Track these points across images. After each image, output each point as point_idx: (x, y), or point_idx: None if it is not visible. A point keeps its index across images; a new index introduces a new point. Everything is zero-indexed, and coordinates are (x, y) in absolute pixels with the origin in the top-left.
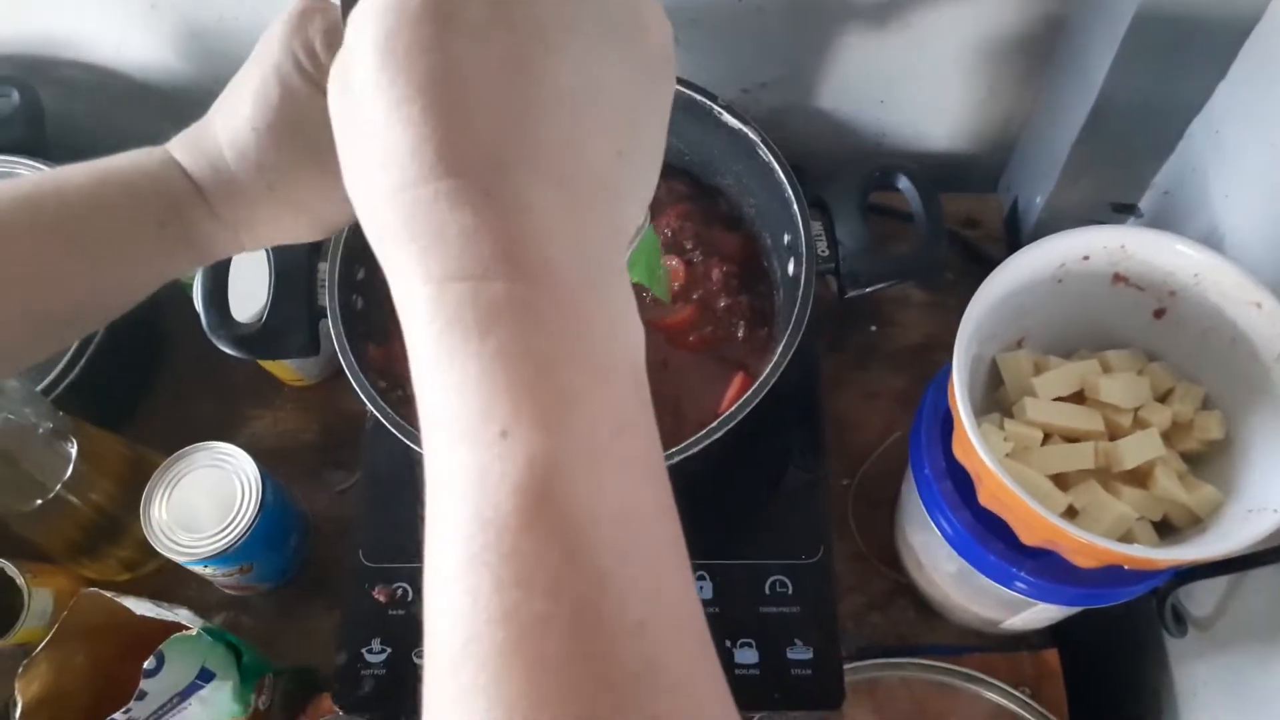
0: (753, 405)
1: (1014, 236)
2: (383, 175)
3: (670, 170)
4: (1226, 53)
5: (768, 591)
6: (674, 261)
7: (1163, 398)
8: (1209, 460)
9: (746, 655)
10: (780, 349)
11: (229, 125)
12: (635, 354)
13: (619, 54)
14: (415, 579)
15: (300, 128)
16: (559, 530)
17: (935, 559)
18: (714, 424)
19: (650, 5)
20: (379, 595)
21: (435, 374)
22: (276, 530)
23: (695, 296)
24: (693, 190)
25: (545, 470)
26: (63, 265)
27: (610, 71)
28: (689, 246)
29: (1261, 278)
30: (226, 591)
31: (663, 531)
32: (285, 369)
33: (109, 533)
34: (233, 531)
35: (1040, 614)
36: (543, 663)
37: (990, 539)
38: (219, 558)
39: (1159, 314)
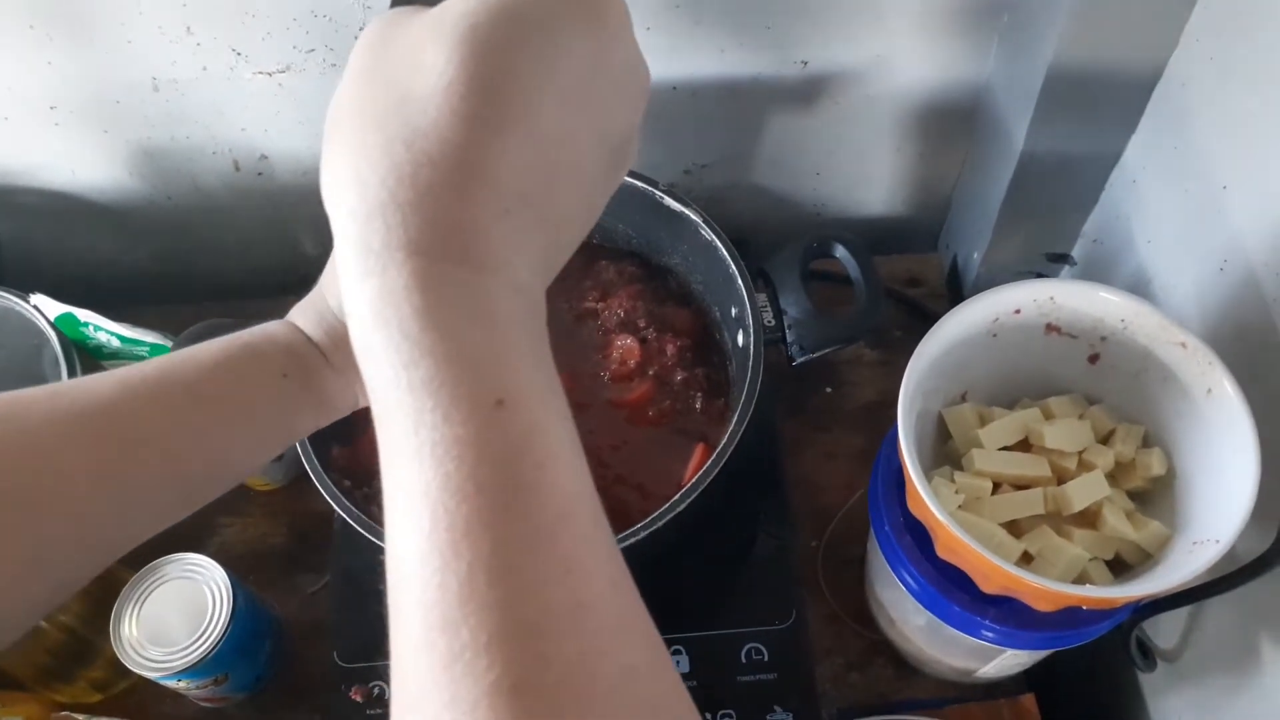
0: (713, 475)
1: (956, 293)
2: (415, 143)
3: (621, 254)
4: (1134, 108)
5: (744, 660)
6: (629, 340)
7: (1105, 439)
8: (1154, 497)
9: None
10: (735, 418)
11: (332, 279)
12: None
13: (611, 179)
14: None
15: None
16: (552, 495)
17: (905, 613)
18: (676, 497)
19: (637, 135)
20: (356, 696)
21: (417, 340)
22: (250, 638)
23: (651, 372)
24: (643, 271)
25: (538, 440)
26: (196, 422)
27: (607, 185)
28: (642, 324)
29: (1188, 316)
30: (202, 704)
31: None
32: (251, 475)
33: (79, 654)
34: (205, 643)
35: (1011, 660)
36: (547, 614)
37: (953, 590)
38: (192, 670)
39: (1093, 359)
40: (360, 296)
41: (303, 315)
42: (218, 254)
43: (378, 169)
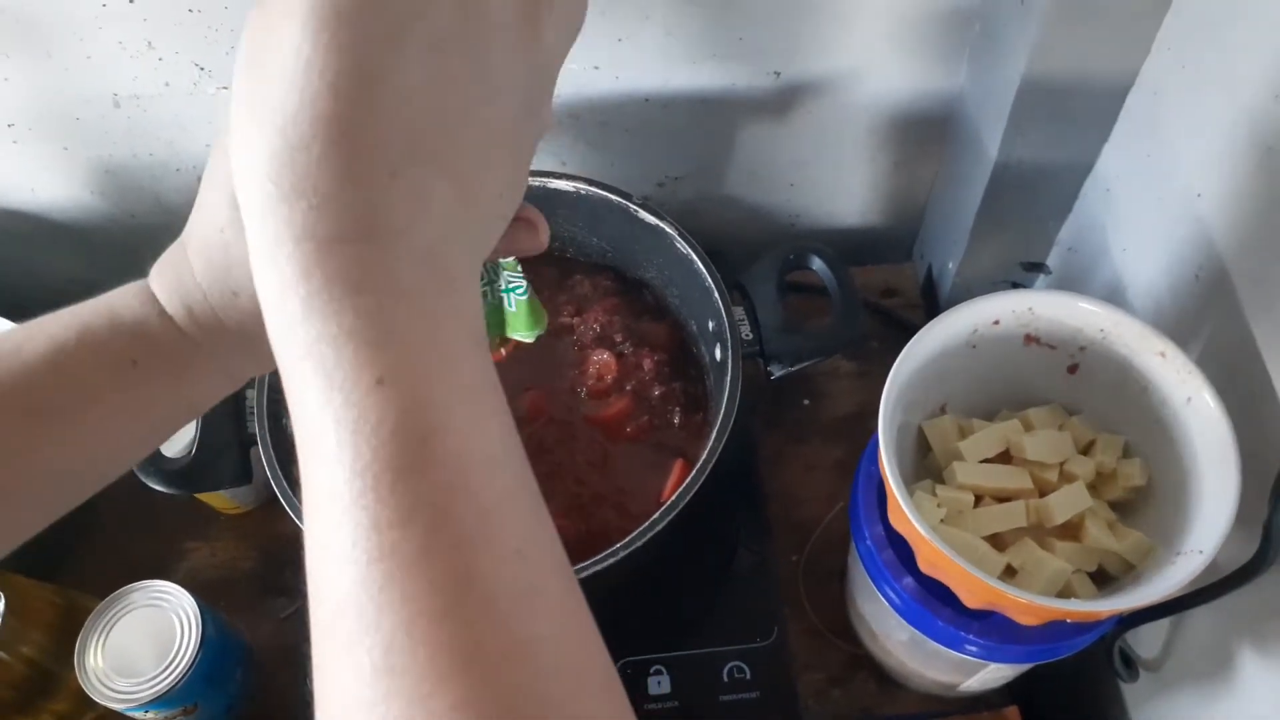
0: (694, 491)
1: (931, 303)
2: (287, 129)
3: (595, 268)
4: (1107, 116)
5: (726, 679)
6: (606, 355)
7: (1085, 450)
8: (1135, 507)
9: None
10: (715, 433)
11: (196, 236)
12: (485, 337)
13: (527, 120)
14: None
15: None
16: (439, 469)
17: (887, 628)
18: (657, 515)
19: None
20: None
21: (308, 326)
22: (220, 666)
23: (629, 387)
24: (618, 285)
25: (424, 415)
26: (24, 435)
27: (520, 129)
28: (619, 339)
29: (1164, 325)
30: None
31: (528, 475)
32: (220, 498)
33: (42, 687)
34: (174, 672)
35: (995, 673)
36: (428, 589)
37: (936, 604)
38: (161, 701)
39: (1072, 369)
40: (263, 292)
41: (160, 279)
42: None
43: (261, 162)
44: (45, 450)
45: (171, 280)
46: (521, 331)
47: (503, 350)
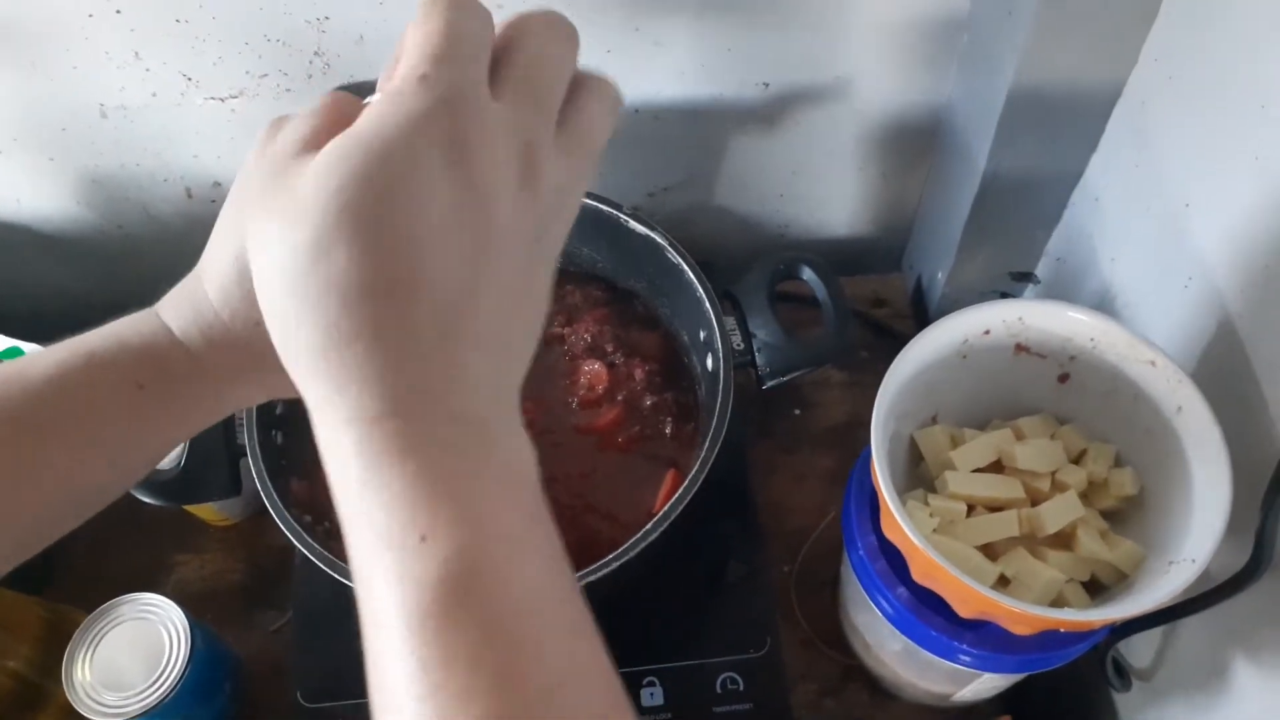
0: (685, 501)
1: (921, 313)
2: (331, 329)
3: (586, 278)
4: (1095, 127)
5: (719, 690)
6: (597, 365)
7: (1076, 459)
8: (1127, 516)
9: None
10: (706, 443)
11: (214, 266)
12: (532, 470)
13: (540, 263)
14: (356, 717)
15: None
16: (478, 612)
17: (880, 638)
18: (649, 525)
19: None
20: None
21: (363, 493)
22: (208, 679)
23: (620, 398)
24: (609, 295)
25: (462, 563)
26: (27, 458)
27: (533, 274)
28: (610, 349)
29: (1153, 334)
30: None
31: (573, 608)
32: (208, 510)
33: (29, 702)
34: (162, 685)
35: (988, 684)
36: None
37: (929, 614)
38: (149, 715)
39: (1063, 379)
40: (328, 461)
41: (174, 308)
42: (171, 283)
43: (307, 352)
44: (50, 470)
45: (188, 310)
46: None
47: None
